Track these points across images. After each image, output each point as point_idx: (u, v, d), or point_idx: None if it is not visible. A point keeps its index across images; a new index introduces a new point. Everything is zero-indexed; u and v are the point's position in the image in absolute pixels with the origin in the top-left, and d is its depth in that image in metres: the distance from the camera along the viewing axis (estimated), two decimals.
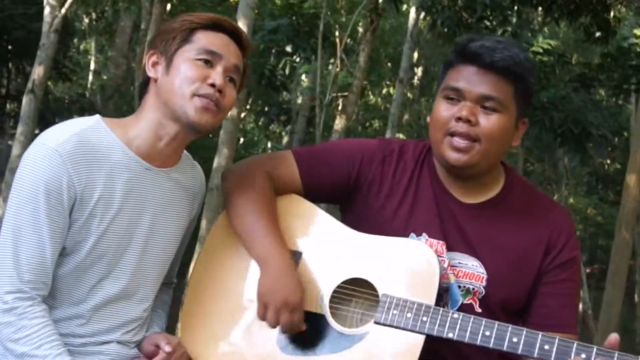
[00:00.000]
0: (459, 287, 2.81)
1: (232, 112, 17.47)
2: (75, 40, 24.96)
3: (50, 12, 12.76)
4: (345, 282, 2.79)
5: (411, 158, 2.94)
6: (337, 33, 15.73)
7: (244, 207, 2.86)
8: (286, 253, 2.79)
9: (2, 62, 21.09)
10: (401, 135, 24.84)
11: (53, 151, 2.52)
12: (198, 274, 2.96)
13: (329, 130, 16.26)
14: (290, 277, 2.73)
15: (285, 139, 29.33)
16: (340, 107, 15.01)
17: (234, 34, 2.77)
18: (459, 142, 2.74)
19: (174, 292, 3.11)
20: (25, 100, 14.76)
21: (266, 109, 27.57)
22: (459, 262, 2.82)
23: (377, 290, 2.73)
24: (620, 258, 10.60)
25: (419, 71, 25.24)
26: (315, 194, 2.96)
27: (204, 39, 2.69)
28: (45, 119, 19.76)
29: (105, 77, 25.24)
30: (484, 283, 2.80)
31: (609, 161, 25.03)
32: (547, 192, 24.57)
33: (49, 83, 18.76)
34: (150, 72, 2.71)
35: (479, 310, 2.80)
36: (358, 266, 2.78)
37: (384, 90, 25.95)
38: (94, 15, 25.16)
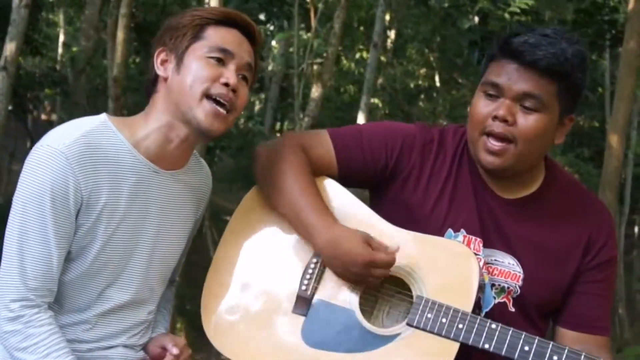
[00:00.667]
0: (493, 285, 2.74)
1: None
2: (43, 13, 24.63)
3: None
4: None
5: (450, 148, 2.85)
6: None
7: (286, 186, 2.75)
8: (339, 223, 2.69)
9: None
10: (376, 100, 24.77)
11: (59, 153, 2.43)
12: (222, 254, 2.87)
13: (306, 98, 16.14)
14: (354, 241, 2.63)
15: (257, 106, 29.22)
16: (315, 75, 14.86)
17: (247, 30, 2.66)
18: (493, 144, 2.64)
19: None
20: None
21: None
22: (495, 260, 2.75)
23: (412, 290, 2.65)
24: None
25: (391, 34, 25.10)
26: (349, 178, 2.87)
27: (216, 36, 2.59)
28: (17, 94, 19.53)
29: (75, 49, 24.94)
30: (520, 282, 2.73)
31: (582, 117, 25.07)
32: None
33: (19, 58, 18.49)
34: (160, 71, 2.61)
35: (512, 309, 2.74)
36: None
37: (357, 55, 25.82)
38: None
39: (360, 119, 19.14)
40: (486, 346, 2.54)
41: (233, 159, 23.35)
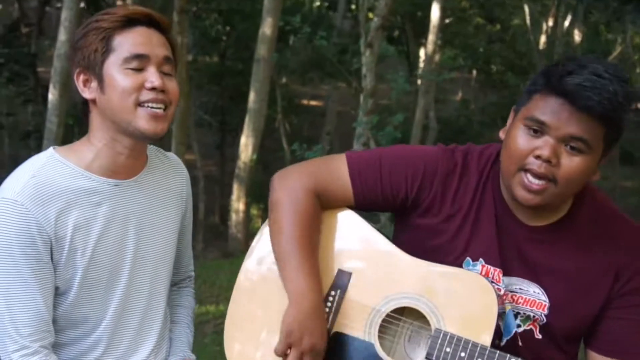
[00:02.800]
0: (518, 314, 2.69)
1: None
2: None
3: None
4: (394, 310, 2.69)
5: (475, 174, 2.74)
6: None
7: (284, 230, 2.72)
8: (320, 293, 2.68)
9: None
10: None
11: (13, 202, 2.46)
12: (243, 285, 2.85)
13: None
14: (320, 321, 2.64)
15: None
16: None
17: (151, 22, 2.61)
18: (532, 181, 2.51)
19: None
20: None
21: None
22: (520, 288, 2.68)
23: (430, 323, 2.63)
24: None
25: None
26: (367, 207, 2.82)
27: (125, 43, 2.54)
28: None
29: None
30: (546, 311, 2.66)
31: None
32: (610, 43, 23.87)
33: None
34: (85, 93, 2.59)
35: (539, 336, 2.68)
36: (410, 295, 2.67)
37: None
38: None
39: (435, 8, 18.82)
40: None
41: (309, 43, 23.10)
